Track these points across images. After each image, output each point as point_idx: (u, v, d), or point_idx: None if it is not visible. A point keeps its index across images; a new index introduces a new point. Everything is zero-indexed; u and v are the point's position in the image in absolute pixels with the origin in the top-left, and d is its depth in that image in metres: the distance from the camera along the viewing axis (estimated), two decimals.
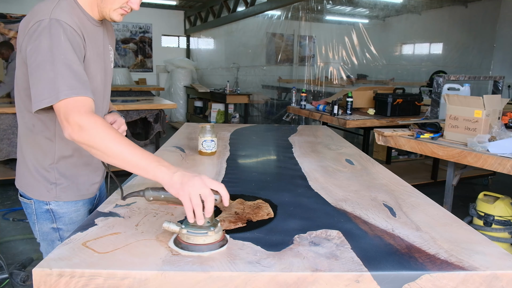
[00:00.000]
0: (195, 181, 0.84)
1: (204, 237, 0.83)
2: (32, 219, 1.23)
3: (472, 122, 2.20)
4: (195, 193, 0.83)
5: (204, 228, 0.84)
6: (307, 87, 5.87)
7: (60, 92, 0.95)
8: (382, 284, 0.76)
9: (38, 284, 0.73)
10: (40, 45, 0.98)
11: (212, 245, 0.83)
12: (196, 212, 0.83)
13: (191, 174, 0.86)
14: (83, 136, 0.92)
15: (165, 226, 0.85)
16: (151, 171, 0.88)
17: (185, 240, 0.84)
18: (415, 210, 1.11)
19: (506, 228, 2.51)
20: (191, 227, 0.84)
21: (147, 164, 0.89)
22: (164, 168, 0.88)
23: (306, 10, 6.13)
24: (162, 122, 4.42)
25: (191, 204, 0.83)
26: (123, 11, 1.14)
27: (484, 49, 7.23)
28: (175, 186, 0.85)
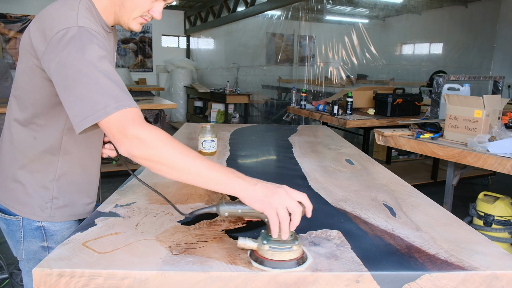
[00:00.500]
0: (280, 193, 0.78)
1: (290, 253, 0.77)
2: (16, 237, 1.10)
3: (472, 122, 2.20)
4: (282, 206, 0.77)
5: (288, 242, 0.78)
6: (307, 87, 5.87)
7: (107, 105, 0.84)
8: (382, 284, 0.76)
9: (38, 284, 0.73)
10: (71, 56, 0.87)
11: (297, 260, 0.78)
12: (283, 227, 0.77)
13: (273, 185, 0.81)
14: (145, 151, 0.82)
15: (240, 244, 0.78)
16: (227, 185, 0.81)
17: (269, 257, 0.77)
18: (415, 210, 1.11)
19: (506, 228, 2.51)
20: (273, 243, 0.78)
21: (222, 177, 0.81)
22: (241, 180, 0.81)
23: (306, 10, 6.13)
24: (162, 122, 4.43)
25: (277, 219, 0.77)
26: (143, 20, 1.05)
27: (484, 49, 7.23)
28: (259, 199, 0.78)
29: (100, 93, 0.85)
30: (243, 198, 0.80)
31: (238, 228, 0.96)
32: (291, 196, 0.79)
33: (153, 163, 0.83)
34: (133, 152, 0.83)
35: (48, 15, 0.95)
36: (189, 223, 0.98)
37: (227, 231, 0.94)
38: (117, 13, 1.04)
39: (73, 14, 0.93)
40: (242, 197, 0.80)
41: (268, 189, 0.80)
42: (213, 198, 1.17)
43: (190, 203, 1.12)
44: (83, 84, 0.85)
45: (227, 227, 0.97)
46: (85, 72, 0.86)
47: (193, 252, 0.82)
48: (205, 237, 0.90)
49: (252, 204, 0.80)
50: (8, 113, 1.08)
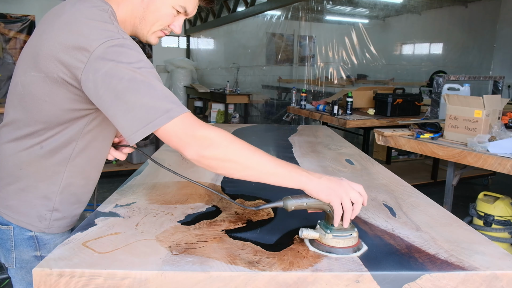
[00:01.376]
0: (344, 185, 0.85)
1: (352, 239, 0.85)
2: (7, 246, 1.04)
3: (472, 122, 2.20)
4: (346, 197, 0.84)
5: (348, 230, 0.85)
6: (307, 87, 5.87)
7: (170, 109, 0.83)
8: (382, 284, 0.76)
9: (38, 284, 0.73)
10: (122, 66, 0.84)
11: (355, 247, 0.85)
12: (346, 216, 0.84)
13: (336, 178, 0.87)
14: (214, 150, 0.83)
15: (304, 234, 0.85)
16: (296, 179, 0.86)
17: (335, 245, 0.84)
18: (415, 210, 1.11)
19: (506, 228, 2.51)
20: (336, 231, 0.85)
21: (291, 173, 0.86)
22: (308, 174, 0.86)
23: (306, 10, 6.13)
24: None
25: (341, 208, 0.84)
26: (162, 34, 1.04)
27: (484, 49, 7.23)
28: (325, 190, 0.84)
29: (161, 98, 0.84)
30: (310, 190, 0.85)
31: (238, 228, 0.96)
32: (353, 187, 0.86)
33: (224, 162, 0.85)
34: (203, 153, 0.83)
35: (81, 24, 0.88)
36: (189, 223, 0.98)
37: (227, 231, 0.94)
38: (137, 26, 1.02)
39: (111, 26, 0.89)
40: (309, 189, 0.85)
41: (332, 182, 0.86)
42: (213, 198, 1.17)
43: (190, 203, 1.12)
44: (141, 92, 0.83)
45: (227, 227, 0.97)
46: (141, 79, 0.84)
47: (193, 252, 0.82)
48: (205, 237, 0.90)
49: (318, 195, 0.85)
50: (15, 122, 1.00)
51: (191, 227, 0.95)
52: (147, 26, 1.01)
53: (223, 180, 1.36)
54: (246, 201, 1.15)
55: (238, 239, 0.89)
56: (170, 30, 1.05)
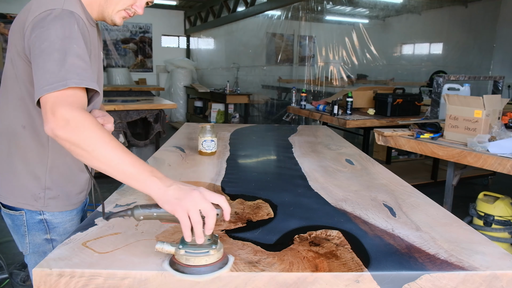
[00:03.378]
0: (194, 195, 0.75)
1: (206, 257, 0.75)
2: (21, 232, 1.13)
3: (472, 122, 2.20)
4: (194, 209, 0.74)
5: (204, 246, 0.75)
6: (307, 87, 5.87)
7: (69, 79, 0.85)
8: (382, 284, 0.76)
9: (38, 284, 0.73)
10: (50, 32, 0.90)
11: (215, 265, 0.75)
12: (196, 230, 0.74)
13: (189, 187, 0.78)
14: (68, 132, 0.80)
15: (158, 248, 0.75)
16: (142, 181, 0.78)
17: (184, 262, 0.74)
18: (415, 210, 1.11)
19: (506, 228, 2.51)
20: (189, 247, 0.75)
21: (138, 173, 0.79)
22: (157, 179, 0.78)
23: (306, 10, 6.13)
24: (162, 122, 4.42)
25: (189, 222, 0.74)
26: (126, 14, 1.10)
27: (484, 49, 7.23)
28: (170, 201, 0.75)
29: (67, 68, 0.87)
30: (156, 199, 0.77)
31: (238, 228, 0.96)
32: (206, 198, 0.76)
33: (74, 147, 0.81)
34: (57, 132, 0.81)
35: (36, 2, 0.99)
36: None
37: (227, 231, 0.94)
38: (102, 6, 1.08)
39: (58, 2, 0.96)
40: (156, 198, 0.78)
41: (181, 191, 0.76)
42: None
43: None
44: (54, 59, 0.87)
45: (227, 227, 0.97)
46: (58, 48, 0.88)
47: None
48: None
49: (164, 205, 0.76)
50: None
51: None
52: (112, 6, 1.07)
53: (223, 180, 1.36)
54: (246, 201, 1.15)
55: (238, 239, 0.89)
56: (134, 11, 1.10)
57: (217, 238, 0.79)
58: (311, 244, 0.88)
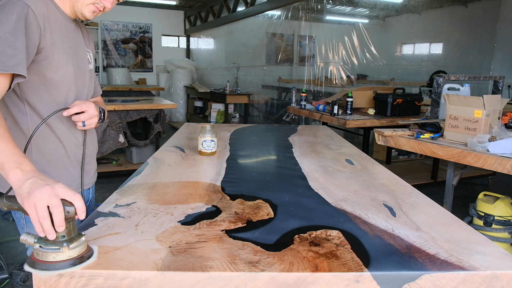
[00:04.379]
0: (43, 191, 0.75)
1: (54, 254, 0.73)
2: (21, 224, 1.17)
3: (472, 122, 2.20)
4: (41, 204, 0.74)
5: (56, 243, 0.74)
6: (307, 87, 5.87)
7: None
8: (382, 284, 0.76)
9: (38, 284, 0.73)
10: None
11: (64, 263, 0.73)
12: (44, 226, 0.74)
13: (44, 182, 0.77)
14: None
15: (22, 238, 0.75)
16: (5, 171, 0.80)
17: (35, 257, 0.74)
18: (415, 210, 1.11)
19: (506, 228, 2.51)
20: (43, 242, 0.74)
21: (7, 164, 0.80)
22: (19, 171, 0.79)
23: (306, 10, 6.13)
24: (162, 122, 4.42)
25: (37, 216, 0.74)
26: (95, 8, 1.13)
27: (484, 49, 7.24)
28: (22, 194, 0.76)
29: None
30: (14, 190, 0.79)
31: (238, 228, 0.96)
32: (58, 194, 0.75)
33: None
34: None
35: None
36: (189, 223, 0.98)
37: (227, 231, 0.94)
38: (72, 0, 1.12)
39: None
40: (14, 190, 0.79)
41: (35, 185, 0.76)
42: (213, 198, 1.17)
43: (190, 203, 1.12)
44: None
45: (227, 227, 0.97)
46: None
47: (193, 252, 0.82)
48: (205, 237, 0.90)
49: (17, 198, 0.77)
50: None
51: (191, 227, 0.95)
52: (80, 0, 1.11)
53: (223, 180, 1.36)
54: (246, 201, 1.15)
55: (238, 239, 0.89)
56: (103, 5, 1.13)
57: (81, 236, 0.78)
58: (311, 244, 0.88)
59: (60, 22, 1.13)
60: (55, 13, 1.11)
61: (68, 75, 1.16)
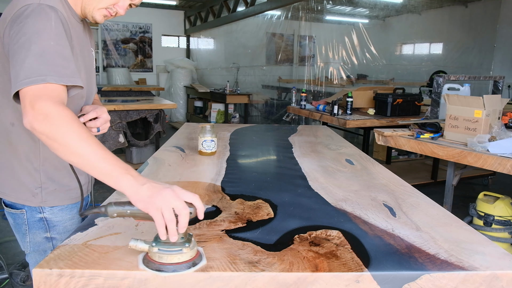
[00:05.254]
0: (166, 193, 0.76)
1: (179, 255, 0.76)
2: (22, 230, 1.15)
3: (472, 122, 2.20)
4: (167, 207, 0.74)
5: (178, 245, 0.76)
6: (307, 87, 5.87)
7: (48, 75, 0.86)
8: (382, 284, 0.76)
9: (38, 284, 0.73)
10: (26, 27, 0.91)
11: (188, 263, 0.76)
12: (169, 228, 0.75)
13: (162, 185, 0.78)
14: (44, 126, 0.81)
15: (131, 245, 0.76)
16: (115, 178, 0.78)
17: (157, 260, 0.75)
18: (415, 210, 1.11)
19: (506, 228, 2.51)
20: (163, 245, 0.76)
21: (112, 169, 0.79)
22: (131, 177, 0.78)
23: (306, 10, 6.13)
24: (162, 122, 4.42)
25: (163, 220, 0.74)
26: (107, 13, 1.11)
27: (484, 49, 7.23)
28: (143, 199, 0.76)
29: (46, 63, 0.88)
30: (129, 197, 0.78)
31: (238, 228, 0.96)
32: (179, 196, 0.77)
33: (51, 141, 0.82)
34: (34, 125, 0.82)
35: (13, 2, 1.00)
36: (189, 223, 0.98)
37: (227, 231, 0.94)
38: (85, 2, 1.09)
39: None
40: (129, 196, 0.78)
41: (155, 189, 0.77)
42: (213, 198, 1.17)
43: None
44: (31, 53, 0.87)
45: (227, 227, 0.97)
46: (35, 41, 0.89)
47: None
48: (205, 237, 0.90)
49: (136, 203, 0.77)
50: None
51: (191, 227, 0.95)
52: (94, 3, 1.08)
53: (223, 180, 1.36)
54: (246, 201, 1.15)
55: (238, 239, 0.89)
56: (115, 11, 1.11)
57: (191, 236, 0.80)
58: (311, 244, 0.88)
59: (75, 24, 1.09)
60: (70, 16, 1.08)
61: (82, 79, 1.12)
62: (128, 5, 1.12)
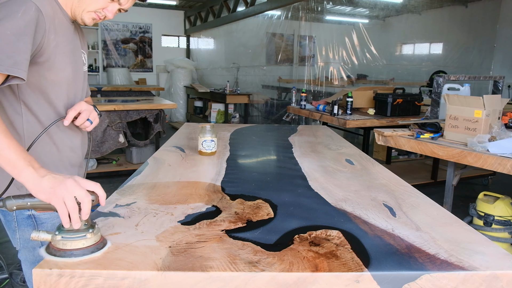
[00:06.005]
0: (68, 183, 0.80)
1: (83, 241, 0.79)
2: (12, 227, 1.18)
3: (472, 122, 2.20)
4: (69, 196, 0.79)
5: (81, 231, 0.80)
6: (307, 87, 5.87)
7: None
8: (382, 284, 0.76)
9: (38, 284, 0.73)
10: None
11: (92, 247, 0.80)
12: (72, 216, 0.79)
13: (63, 176, 0.82)
14: None
15: (34, 236, 0.78)
16: (20, 172, 0.82)
17: (61, 247, 0.78)
18: (415, 210, 1.11)
19: (506, 228, 2.51)
20: (66, 233, 0.79)
21: (17, 163, 0.82)
22: (32, 169, 0.82)
23: (306, 10, 6.13)
24: (162, 122, 4.42)
25: (66, 209, 0.79)
26: (96, 16, 1.14)
27: (484, 49, 7.23)
28: (45, 190, 0.80)
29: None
30: (30, 189, 0.81)
31: (238, 228, 0.96)
32: (81, 185, 0.80)
33: None
34: None
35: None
36: (189, 223, 0.98)
37: (227, 231, 0.94)
38: (74, 4, 1.12)
39: None
40: (30, 188, 0.81)
41: (56, 180, 0.80)
42: (213, 198, 1.17)
43: (190, 203, 1.12)
44: None
45: (227, 227, 0.97)
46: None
47: (193, 252, 0.82)
48: (205, 237, 0.90)
49: (37, 195, 0.80)
50: None
51: (191, 227, 0.95)
52: (83, 5, 1.12)
53: (223, 180, 1.36)
54: (246, 201, 1.15)
55: (238, 239, 0.89)
56: (104, 14, 1.13)
57: (94, 223, 0.84)
58: (311, 244, 0.88)
59: (63, 23, 1.12)
60: (59, 14, 1.11)
61: (67, 77, 1.16)
62: (117, 9, 1.15)
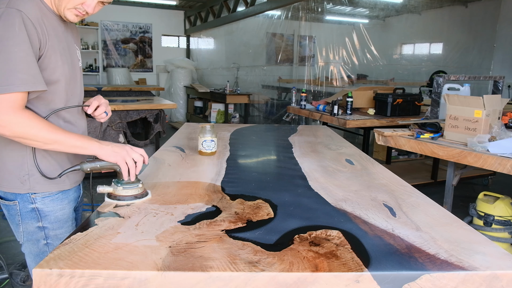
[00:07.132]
0: (127, 149, 1.12)
1: (137, 189, 1.13)
2: (15, 221, 1.21)
3: (472, 122, 2.20)
4: (129, 157, 1.11)
5: (135, 182, 1.13)
6: (307, 87, 5.87)
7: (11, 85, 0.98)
8: (382, 284, 0.76)
9: (38, 284, 0.73)
10: None
11: (144, 193, 1.15)
12: (131, 172, 1.11)
13: (120, 144, 1.12)
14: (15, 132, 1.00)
15: (100, 189, 1.11)
16: (88, 148, 1.09)
17: (123, 194, 1.11)
18: (415, 210, 1.11)
19: (506, 228, 2.51)
20: (125, 184, 1.12)
21: (84, 143, 1.08)
22: (97, 143, 1.10)
23: (306, 10, 6.13)
24: (162, 122, 4.42)
25: (127, 166, 1.10)
26: (77, 12, 1.16)
27: (484, 49, 7.23)
28: (112, 154, 1.09)
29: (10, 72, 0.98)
30: (101, 155, 1.10)
31: (238, 228, 0.96)
32: (135, 150, 1.13)
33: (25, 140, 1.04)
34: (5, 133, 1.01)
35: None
36: (189, 223, 0.98)
37: (227, 231, 0.94)
38: (55, 3, 1.15)
39: None
40: (101, 155, 1.10)
41: (118, 147, 1.11)
42: (213, 198, 1.17)
43: (190, 203, 1.12)
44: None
45: (227, 227, 0.97)
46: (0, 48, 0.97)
47: (193, 252, 0.82)
48: (205, 237, 0.90)
49: (108, 158, 1.10)
50: None
51: (191, 227, 0.95)
52: (63, 3, 1.14)
53: (223, 180, 1.36)
54: (245, 201, 1.15)
55: (238, 239, 0.89)
56: (84, 10, 1.16)
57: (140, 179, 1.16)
58: (311, 244, 0.88)
59: (54, 23, 1.14)
60: (48, 14, 1.12)
61: (64, 75, 1.17)
62: (98, 3, 1.16)
